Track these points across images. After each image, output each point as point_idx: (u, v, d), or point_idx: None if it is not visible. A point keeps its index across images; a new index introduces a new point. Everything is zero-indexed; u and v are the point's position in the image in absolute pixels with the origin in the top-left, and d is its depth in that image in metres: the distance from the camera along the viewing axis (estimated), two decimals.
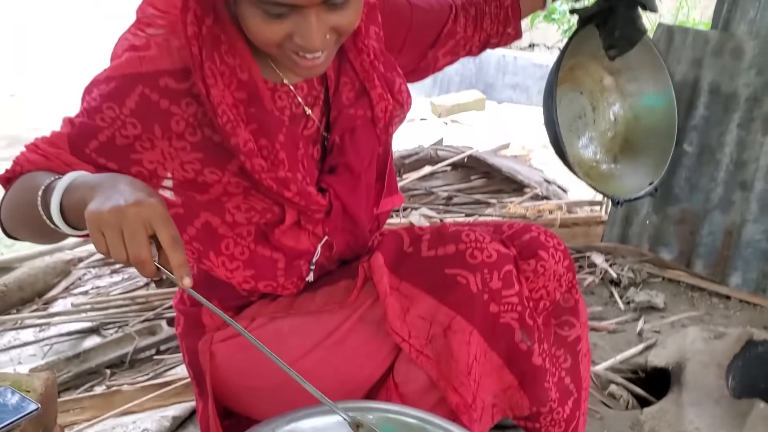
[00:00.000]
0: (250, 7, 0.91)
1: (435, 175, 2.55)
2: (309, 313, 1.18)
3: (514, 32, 1.44)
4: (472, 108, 4.94)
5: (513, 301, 1.10)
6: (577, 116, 1.67)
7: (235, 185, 1.06)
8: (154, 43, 1.01)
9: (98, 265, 2.26)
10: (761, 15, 2.30)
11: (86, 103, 1.00)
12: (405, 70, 1.27)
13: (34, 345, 1.94)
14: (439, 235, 1.16)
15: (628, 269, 2.36)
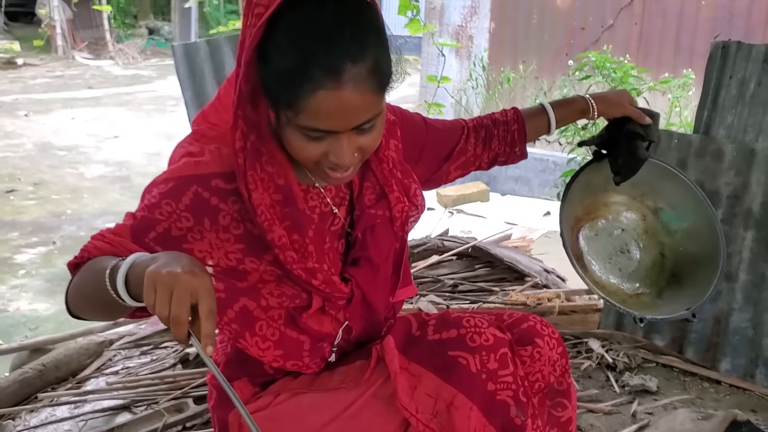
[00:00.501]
0: (294, 131, 1.08)
1: (441, 264, 2.73)
2: (328, 390, 1.32)
3: (520, 153, 1.60)
4: (476, 199, 5.18)
5: (508, 380, 1.23)
6: (620, 251, 1.75)
7: (270, 273, 1.22)
8: (208, 151, 1.19)
9: (128, 347, 2.42)
10: (737, 121, 2.52)
11: (147, 200, 1.17)
12: (421, 179, 1.45)
13: (69, 421, 2.08)
14: (443, 320, 1.32)
15: (623, 354, 2.50)
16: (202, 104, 3.44)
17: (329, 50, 1.02)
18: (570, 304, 2.60)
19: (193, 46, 3.42)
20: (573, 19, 6.17)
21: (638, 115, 1.55)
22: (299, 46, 1.03)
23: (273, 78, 1.06)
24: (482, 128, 1.56)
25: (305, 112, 1.04)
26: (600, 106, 1.58)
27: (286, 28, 1.03)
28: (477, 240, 2.81)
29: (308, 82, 1.02)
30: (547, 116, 1.60)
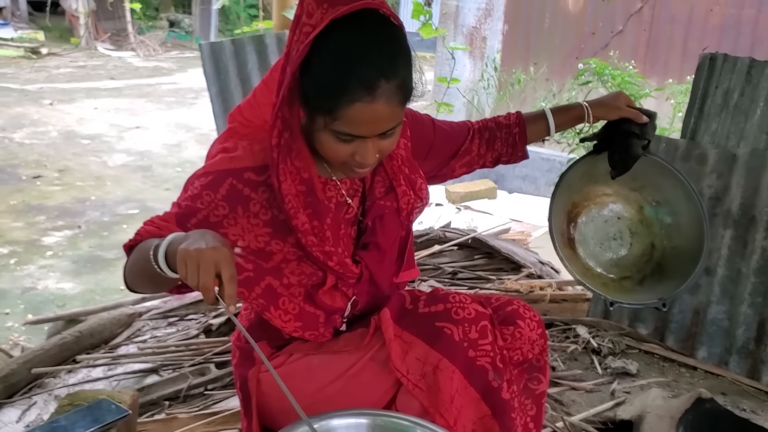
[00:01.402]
0: (328, 134, 1.26)
1: (443, 253, 2.95)
2: (333, 352, 1.51)
3: (521, 154, 1.76)
4: (484, 196, 5.38)
5: (487, 349, 1.41)
6: (612, 237, 1.88)
7: (292, 254, 1.41)
8: (241, 147, 1.37)
9: (157, 318, 2.67)
10: (721, 128, 2.73)
11: (189, 191, 1.35)
12: (428, 174, 1.65)
13: (104, 381, 2.32)
14: (433, 296, 1.50)
15: (608, 340, 2.71)
16: (226, 99, 3.69)
17: (367, 68, 1.20)
18: (561, 293, 2.81)
19: (218, 45, 3.64)
20: (584, 24, 6.35)
21: (635, 115, 1.68)
22: (342, 63, 1.20)
23: (315, 88, 1.23)
24: (486, 130, 1.72)
25: (341, 119, 1.22)
26: (596, 111, 1.71)
27: (330, 46, 1.21)
28: (477, 232, 3.04)
29: (347, 95, 1.20)
30: (546, 121, 1.74)
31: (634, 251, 1.88)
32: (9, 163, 7.44)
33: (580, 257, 1.87)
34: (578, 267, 1.85)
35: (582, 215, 1.89)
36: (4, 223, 5.74)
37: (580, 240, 1.89)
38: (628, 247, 1.88)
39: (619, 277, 1.88)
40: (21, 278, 4.79)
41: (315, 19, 1.21)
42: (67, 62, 14.65)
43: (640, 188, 1.85)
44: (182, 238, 1.19)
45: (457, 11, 6.72)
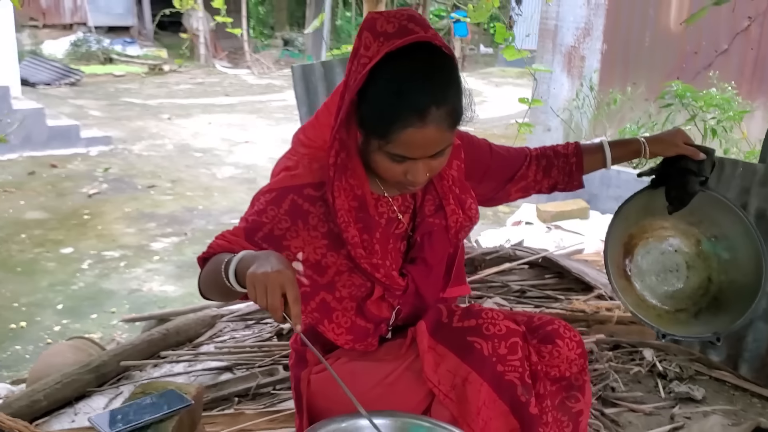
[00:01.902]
0: (382, 155, 1.39)
1: (513, 272, 3.00)
2: (374, 360, 1.61)
3: (577, 183, 1.83)
4: (576, 216, 5.35)
5: (515, 364, 1.47)
6: (669, 270, 1.91)
7: (344, 265, 1.52)
8: (301, 165, 1.50)
9: (236, 320, 2.86)
10: None
11: (255, 207, 1.48)
12: (484, 196, 1.75)
13: (184, 375, 2.53)
14: (467, 312, 1.56)
15: (675, 365, 2.68)
16: None
17: (419, 96, 1.32)
18: (628, 315, 2.80)
19: (309, 67, 3.84)
20: (686, 43, 6.19)
21: (691, 152, 1.74)
22: (395, 92, 1.33)
23: (371, 114, 1.36)
24: (544, 158, 1.79)
25: (394, 142, 1.35)
26: (653, 147, 1.78)
27: (385, 76, 1.34)
28: (548, 251, 3.07)
29: (400, 121, 1.32)
30: (603, 154, 1.81)
31: (690, 284, 1.91)
32: (127, 173, 8.01)
33: (635, 288, 1.92)
34: (633, 298, 1.90)
35: (639, 247, 1.93)
36: (118, 229, 6.21)
37: (636, 272, 1.93)
38: (684, 280, 1.91)
39: (675, 309, 1.92)
40: (128, 280, 5.17)
41: (372, 51, 1.35)
42: (187, 79, 15.54)
43: (697, 223, 1.88)
44: (250, 257, 1.31)
45: (555, 30, 6.71)
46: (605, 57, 6.61)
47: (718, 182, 2.77)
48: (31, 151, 8.53)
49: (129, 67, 15.64)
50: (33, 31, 17.27)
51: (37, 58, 14.42)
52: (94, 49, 16.57)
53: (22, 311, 4.60)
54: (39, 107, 8.85)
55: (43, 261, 5.45)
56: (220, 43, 18.91)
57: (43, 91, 12.67)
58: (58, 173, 7.89)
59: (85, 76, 14.14)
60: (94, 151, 8.86)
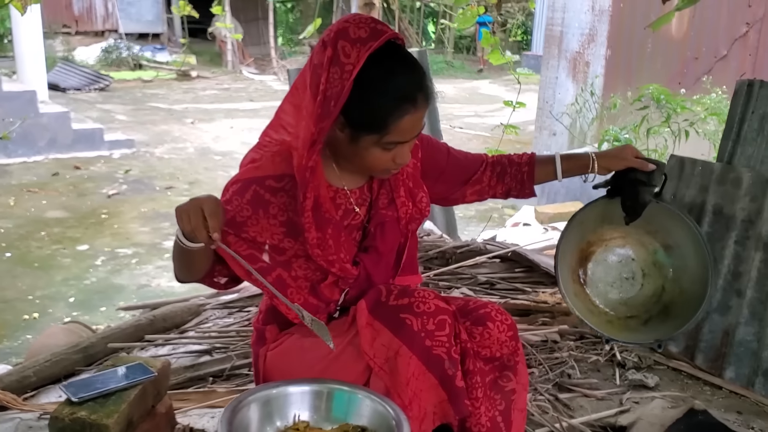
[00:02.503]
0: (375, 148, 1.53)
1: (484, 265, 3.13)
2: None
3: (529, 191, 1.95)
4: None
5: (443, 340, 1.57)
6: (625, 277, 1.96)
7: (302, 251, 1.63)
8: (265, 158, 1.61)
9: (220, 308, 3.05)
10: (757, 152, 2.75)
11: (225, 196, 1.60)
12: (440, 195, 1.90)
13: (166, 357, 2.71)
14: (402, 291, 1.66)
15: (634, 355, 2.80)
16: None
17: (408, 87, 1.50)
18: None
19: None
20: (687, 49, 6.27)
21: (640, 164, 1.83)
22: (387, 89, 1.48)
23: (365, 114, 1.49)
24: (499, 165, 1.92)
25: (393, 132, 1.50)
26: (602, 162, 1.87)
27: (373, 76, 1.47)
28: (518, 246, 3.20)
29: (397, 112, 1.49)
30: (554, 166, 1.92)
31: (644, 292, 1.97)
32: (147, 175, 8.28)
33: (587, 294, 1.99)
34: (585, 303, 1.96)
35: (596, 254, 2.00)
36: (133, 228, 6.46)
37: (590, 277, 2.00)
38: (639, 288, 1.98)
39: (626, 316, 1.98)
40: (139, 276, 5.40)
41: (353, 58, 1.46)
42: (214, 84, 15.86)
43: (654, 232, 1.95)
44: None
45: (561, 36, 6.83)
46: (609, 62, 6.71)
47: (678, 180, 2.88)
48: (57, 154, 8.85)
49: (158, 73, 16.03)
50: (66, 38, 17.79)
51: (69, 64, 14.87)
52: (124, 55, 17.03)
53: (36, 303, 4.85)
54: (65, 111, 9.19)
55: (60, 257, 5.71)
56: (248, 50, 19.27)
57: (73, 96, 13.07)
58: (80, 174, 8.18)
59: (114, 81, 14.55)
60: (116, 154, 9.16)
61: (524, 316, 2.89)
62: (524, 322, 2.85)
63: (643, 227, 1.92)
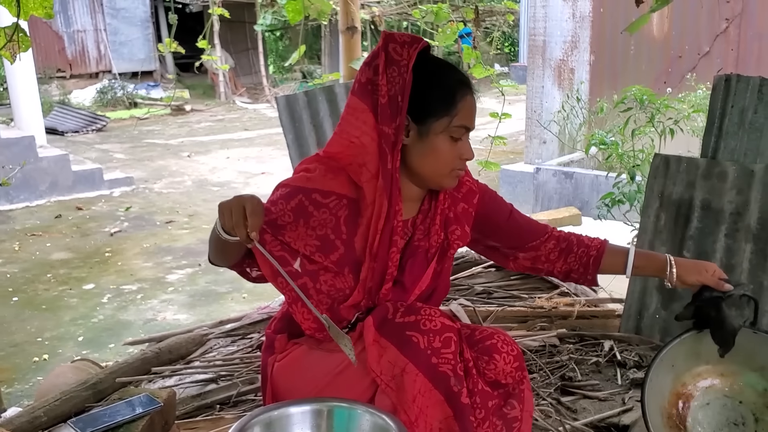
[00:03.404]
0: (443, 137, 1.63)
1: (480, 275, 3.18)
2: (328, 351, 1.72)
3: (591, 278, 1.92)
4: (568, 223, 5.48)
5: (448, 357, 1.59)
6: (733, 422, 1.79)
7: (331, 268, 1.65)
8: (318, 171, 1.65)
9: (223, 337, 3.09)
10: (739, 145, 2.80)
11: (272, 196, 1.66)
12: (490, 248, 1.94)
13: (173, 387, 2.75)
14: (409, 308, 1.67)
15: (635, 354, 2.83)
16: (301, 145, 4.12)
17: (457, 73, 1.66)
18: (590, 309, 2.96)
19: (293, 97, 4.09)
20: (670, 48, 6.35)
21: (716, 284, 1.77)
22: (445, 74, 1.64)
23: (433, 98, 1.62)
24: (565, 241, 1.91)
25: (461, 113, 1.62)
26: (679, 269, 1.83)
27: (430, 68, 1.63)
28: None
29: (459, 92, 1.62)
30: (626, 260, 1.88)
31: None
32: (147, 210, 8.35)
33: None
34: None
35: (695, 398, 1.86)
36: (137, 264, 6.51)
37: (692, 424, 1.84)
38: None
39: None
40: (145, 311, 5.45)
41: (405, 56, 1.60)
42: (208, 116, 15.99)
43: (760, 368, 1.81)
44: None
45: (544, 45, 6.92)
46: (593, 67, 6.79)
47: (665, 178, 2.92)
48: (58, 196, 8.93)
49: (153, 110, 16.17)
50: (61, 82, 17.97)
51: (65, 108, 15.02)
52: (119, 94, 17.20)
53: (45, 345, 4.90)
54: (64, 153, 9.28)
55: (67, 297, 5.76)
56: (239, 80, 19.43)
57: (71, 139, 13.19)
58: (83, 215, 8.25)
59: (110, 121, 14.70)
60: (117, 192, 9.24)
61: (522, 323, 2.92)
62: (522, 328, 2.88)
63: (747, 364, 1.80)
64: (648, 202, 2.94)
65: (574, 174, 5.83)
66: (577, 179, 5.71)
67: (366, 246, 1.67)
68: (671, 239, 2.88)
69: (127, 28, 19.06)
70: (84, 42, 18.78)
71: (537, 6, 6.76)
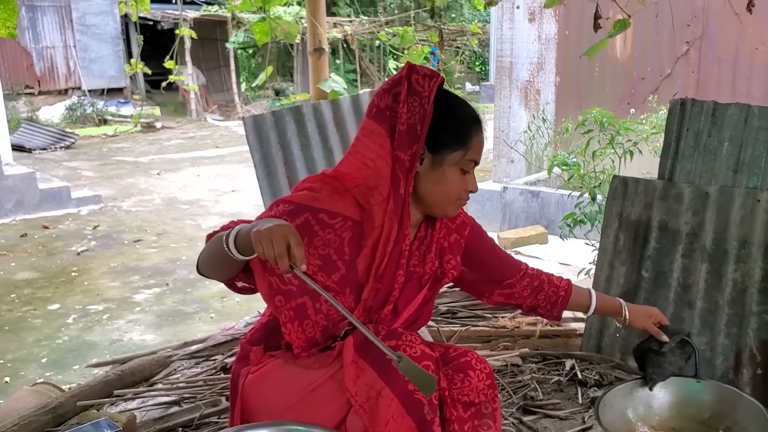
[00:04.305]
0: (454, 169, 1.69)
1: (445, 294, 3.21)
2: (303, 367, 1.72)
3: (557, 314, 2.07)
4: (535, 241, 5.56)
5: None
6: None
7: (331, 288, 1.64)
8: (325, 191, 1.67)
9: (186, 359, 3.08)
10: (694, 167, 2.87)
11: (273, 211, 1.64)
12: (468, 281, 1.98)
13: (136, 411, 2.73)
14: (390, 333, 1.69)
15: (596, 373, 2.87)
16: (268, 164, 4.13)
17: (473, 112, 1.74)
18: (552, 329, 3.00)
19: (260, 117, 4.10)
20: (633, 70, 6.48)
21: (655, 332, 2.01)
22: (461, 109, 1.71)
23: (451, 130, 1.67)
24: (537, 279, 2.01)
25: (473, 147, 1.69)
26: (631, 314, 2.05)
27: (449, 102, 1.70)
28: None
29: (474, 127, 1.70)
30: (590, 301, 2.06)
31: None
32: (115, 229, 8.28)
33: None
34: None
35: None
36: (103, 284, 6.45)
37: None
38: None
39: None
40: (110, 331, 5.39)
41: (427, 88, 1.66)
42: (179, 134, 15.91)
43: (707, 419, 1.92)
44: (250, 226, 1.50)
45: (511, 66, 7.03)
46: (559, 89, 6.91)
47: (623, 199, 2.99)
48: (24, 215, 8.81)
49: (123, 127, 16.06)
50: (29, 99, 17.78)
51: (33, 125, 14.85)
52: (88, 111, 17.06)
53: (8, 367, 4.82)
54: (30, 171, 9.17)
55: (31, 318, 5.68)
56: (211, 97, 19.38)
57: (39, 156, 13.03)
58: (49, 234, 8.15)
59: (79, 138, 14.55)
60: (84, 211, 9.15)
61: (486, 342, 2.95)
62: (486, 347, 2.91)
63: (694, 417, 1.91)
64: (607, 223, 3.00)
65: (540, 193, 5.92)
66: (543, 198, 5.80)
67: (368, 267, 1.69)
68: (630, 259, 2.94)
69: (97, 45, 18.97)
70: (53, 58, 18.64)
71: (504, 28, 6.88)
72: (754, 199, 2.68)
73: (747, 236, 2.69)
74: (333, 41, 18.19)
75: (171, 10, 17.01)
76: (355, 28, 18.27)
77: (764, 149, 2.73)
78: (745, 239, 2.70)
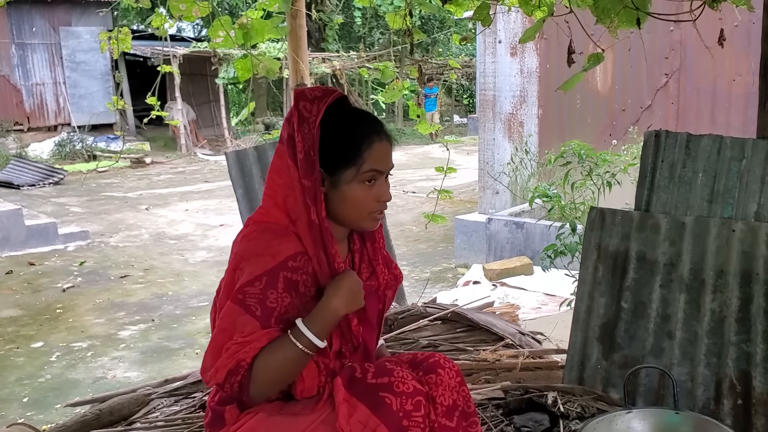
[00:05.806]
0: (355, 184, 1.68)
1: (426, 328, 3.20)
2: (291, 414, 1.70)
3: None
4: (520, 272, 5.57)
5: (418, 420, 1.63)
6: None
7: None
8: (274, 243, 1.64)
9: (165, 396, 3.05)
10: (670, 198, 2.90)
11: (255, 297, 1.60)
12: None
13: None
14: (380, 370, 1.70)
15: (577, 405, 2.86)
16: (251, 199, 4.14)
17: (369, 123, 1.72)
18: (534, 361, 2.99)
19: (242, 152, 4.13)
20: (613, 102, 6.56)
21: None
22: (352, 126, 1.70)
23: (338, 149, 1.67)
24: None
25: (367, 160, 1.67)
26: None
27: (337, 121, 1.68)
28: (457, 306, 3.28)
29: (365, 141, 1.68)
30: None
31: None
32: (102, 265, 8.24)
33: None
34: None
35: None
36: (88, 320, 6.40)
37: None
38: None
39: None
40: (94, 369, 5.34)
41: (314, 111, 1.67)
42: (168, 169, 15.93)
43: None
44: (331, 312, 1.65)
45: (494, 99, 7.10)
46: (542, 121, 6.98)
47: (601, 230, 3.00)
48: (10, 251, 8.77)
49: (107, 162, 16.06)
50: (18, 135, 17.80)
51: (22, 161, 14.85)
52: (78, 147, 17.08)
53: None
54: (17, 208, 9.15)
55: (13, 356, 5.63)
56: (201, 132, 19.45)
57: (27, 192, 13.02)
58: (35, 270, 8.11)
59: (68, 174, 14.54)
60: (71, 247, 9.12)
61: (467, 376, 2.94)
62: (468, 381, 2.89)
63: None
64: (586, 254, 3.01)
65: (524, 224, 5.95)
66: (527, 229, 5.83)
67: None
68: (609, 290, 2.94)
69: (87, 81, 19.07)
70: (43, 95, 18.72)
71: (486, 62, 6.97)
72: (729, 229, 2.70)
73: (723, 266, 2.70)
74: (322, 76, 18.35)
75: (160, 46, 17.15)
76: (344, 62, 18.45)
77: (737, 179, 2.76)
78: (721, 269, 2.71)
